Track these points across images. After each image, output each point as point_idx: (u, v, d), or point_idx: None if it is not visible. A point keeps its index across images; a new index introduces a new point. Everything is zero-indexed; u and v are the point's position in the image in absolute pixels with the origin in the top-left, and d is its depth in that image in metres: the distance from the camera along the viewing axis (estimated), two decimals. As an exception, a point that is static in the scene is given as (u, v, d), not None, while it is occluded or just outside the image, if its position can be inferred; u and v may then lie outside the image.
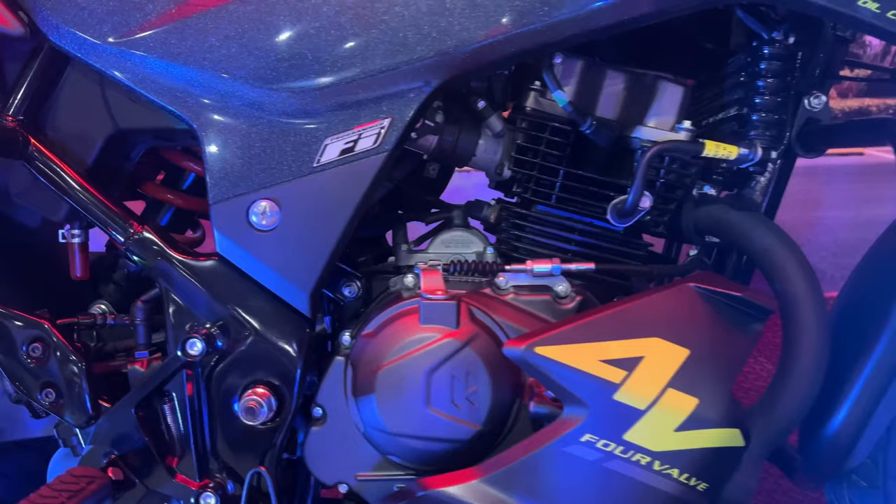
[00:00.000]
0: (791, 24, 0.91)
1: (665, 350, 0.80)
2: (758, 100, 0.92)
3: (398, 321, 0.88)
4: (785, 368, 0.90)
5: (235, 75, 0.84)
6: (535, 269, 0.92)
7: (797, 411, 0.87)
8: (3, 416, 0.99)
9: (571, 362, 0.78)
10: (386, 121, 0.85)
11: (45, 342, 0.88)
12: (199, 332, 0.86)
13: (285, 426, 0.89)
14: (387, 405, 0.86)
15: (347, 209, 0.86)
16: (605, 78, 0.97)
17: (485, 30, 0.82)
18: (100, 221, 0.90)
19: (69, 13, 0.87)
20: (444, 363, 0.85)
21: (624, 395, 0.79)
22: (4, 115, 0.90)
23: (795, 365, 0.87)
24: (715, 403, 0.80)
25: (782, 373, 0.90)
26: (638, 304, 0.83)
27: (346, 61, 0.83)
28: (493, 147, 1.00)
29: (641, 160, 0.89)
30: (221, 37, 0.84)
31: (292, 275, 0.87)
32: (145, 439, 0.88)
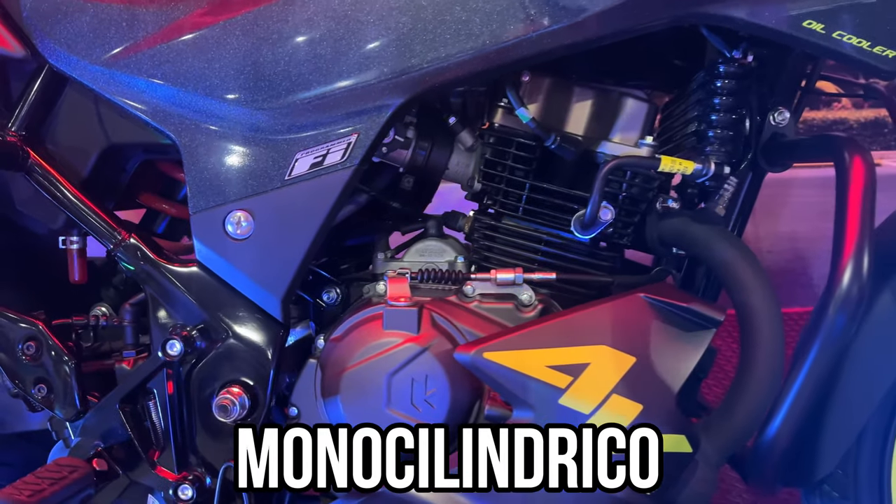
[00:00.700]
0: (752, 43, 0.94)
1: (611, 357, 0.84)
2: (713, 116, 0.95)
3: (363, 326, 0.93)
4: (741, 378, 0.92)
5: (212, 94, 0.90)
6: (499, 278, 0.96)
7: (752, 419, 0.89)
8: (5, 410, 1.06)
9: (518, 367, 0.82)
10: (353, 137, 0.90)
11: (38, 341, 0.95)
12: (178, 334, 0.92)
13: (259, 423, 0.95)
14: (350, 405, 0.91)
15: (317, 220, 0.91)
16: (573, 94, 1.00)
17: (444, 51, 0.86)
18: (91, 229, 0.97)
19: (64, 37, 0.94)
20: (404, 367, 0.90)
21: (569, 399, 0.82)
22: (7, 131, 0.98)
23: (750, 374, 0.89)
24: (659, 410, 0.83)
25: (738, 382, 0.93)
26: (587, 313, 0.86)
27: (314, 81, 0.88)
28: (466, 161, 1.04)
29: (599, 174, 0.93)
30: (199, 59, 0.90)
31: (265, 281, 0.93)
32: (129, 433, 0.94)
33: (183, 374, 0.94)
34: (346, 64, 0.87)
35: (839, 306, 0.75)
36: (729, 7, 0.83)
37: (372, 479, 0.83)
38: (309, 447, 0.83)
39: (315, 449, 0.83)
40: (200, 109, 0.91)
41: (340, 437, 0.83)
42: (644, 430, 0.83)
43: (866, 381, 1.06)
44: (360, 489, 0.85)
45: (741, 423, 0.90)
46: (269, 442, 0.83)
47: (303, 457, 0.83)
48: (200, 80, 0.90)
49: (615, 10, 0.83)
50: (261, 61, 0.89)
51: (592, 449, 0.82)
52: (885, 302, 1.03)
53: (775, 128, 1.01)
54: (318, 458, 0.83)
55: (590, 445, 0.82)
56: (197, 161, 0.92)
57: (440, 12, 0.85)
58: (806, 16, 0.83)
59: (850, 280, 0.76)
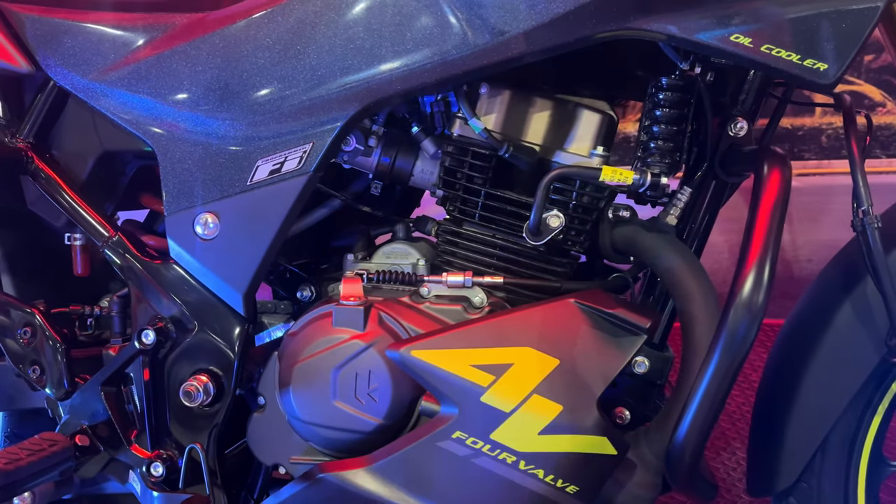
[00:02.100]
0: (699, 56, 0.95)
1: (535, 359, 0.87)
2: (655, 128, 0.96)
3: (316, 322, 0.99)
4: (679, 385, 0.94)
5: (183, 107, 0.99)
6: (449, 281, 1.01)
7: (689, 427, 0.91)
8: (15, 388, 1.17)
9: (443, 365, 0.87)
10: (308, 146, 0.97)
11: (33, 327, 1.05)
12: (153, 325, 1.01)
13: (223, 410, 1.02)
14: (301, 397, 0.98)
15: (276, 222, 0.98)
16: (530, 105, 1.04)
17: (382, 69, 0.92)
18: (83, 227, 1.07)
19: (62, 54, 1.04)
20: (349, 362, 0.96)
21: (490, 397, 0.86)
22: (16, 138, 1.09)
23: (688, 382, 0.91)
24: (578, 411, 0.86)
25: (676, 389, 0.95)
26: (516, 316, 0.90)
27: (271, 96, 0.96)
28: (430, 168, 1.09)
29: (541, 183, 0.96)
30: (173, 75, 0.99)
31: (229, 278, 1.01)
32: (109, 413, 1.04)
33: (157, 361, 1.03)
34: (298, 81, 0.94)
35: (740, 314, 0.77)
36: (657, 23, 0.85)
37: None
38: None
39: None
40: (174, 120, 1.00)
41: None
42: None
43: (827, 391, 1.06)
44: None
45: (679, 431, 0.92)
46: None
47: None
48: (173, 93, 0.99)
49: (541, 28, 0.87)
50: (224, 77, 0.97)
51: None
52: (845, 311, 1.03)
53: (733, 138, 1.02)
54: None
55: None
56: (171, 167, 1.01)
57: (378, 34, 0.91)
58: (734, 30, 0.84)
59: (751, 288, 0.77)
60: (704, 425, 0.80)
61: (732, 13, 0.84)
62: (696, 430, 0.80)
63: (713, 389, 0.79)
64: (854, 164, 0.91)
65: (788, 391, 1.08)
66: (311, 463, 1.03)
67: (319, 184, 1.08)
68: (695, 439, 0.80)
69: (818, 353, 1.05)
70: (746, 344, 0.78)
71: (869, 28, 0.84)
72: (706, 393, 0.79)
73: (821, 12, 0.83)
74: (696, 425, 0.80)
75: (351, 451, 0.98)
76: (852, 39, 0.84)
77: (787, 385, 1.08)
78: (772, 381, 1.12)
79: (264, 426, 1.05)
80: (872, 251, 0.90)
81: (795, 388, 1.08)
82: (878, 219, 0.90)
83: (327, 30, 0.92)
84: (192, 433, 1.04)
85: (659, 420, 0.96)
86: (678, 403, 0.92)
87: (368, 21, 0.92)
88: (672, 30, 0.85)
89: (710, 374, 0.78)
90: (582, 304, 0.90)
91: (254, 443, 1.06)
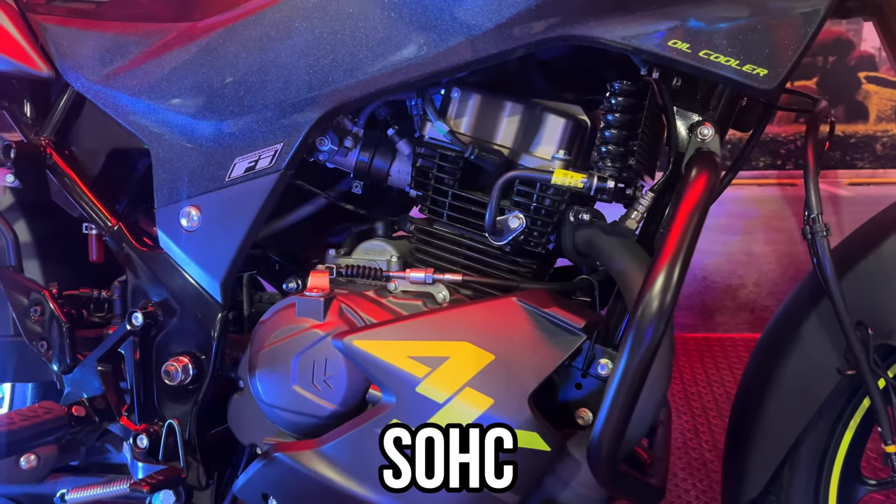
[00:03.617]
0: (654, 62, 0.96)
1: (471, 353, 0.90)
2: (607, 133, 0.98)
3: (282, 312, 1.05)
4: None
5: (171, 107, 1.07)
6: (411, 277, 1.05)
7: (603, 425, 0.92)
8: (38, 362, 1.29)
9: (382, 355, 0.91)
10: (279, 145, 1.03)
11: (42, 306, 1.16)
12: (143, 308, 1.10)
13: (202, 390, 1.10)
14: (265, 381, 1.04)
15: (250, 215, 1.05)
16: (500, 109, 1.07)
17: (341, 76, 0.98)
18: (89, 217, 1.17)
19: (74, 60, 1.15)
20: (307, 349, 1.01)
21: (425, 388, 0.90)
22: (39, 136, 1.21)
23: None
24: (509, 406, 0.89)
25: None
26: (458, 311, 0.93)
27: (247, 97, 1.03)
28: (406, 169, 1.14)
29: (495, 184, 0.99)
30: (163, 79, 1.08)
31: (208, 268, 1.08)
32: (104, 388, 1.13)
33: (146, 342, 1.12)
34: (269, 86, 1.02)
35: (647, 314, 0.77)
36: (596, 29, 0.87)
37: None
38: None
39: None
40: (164, 120, 1.09)
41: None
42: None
43: (792, 404, 1.04)
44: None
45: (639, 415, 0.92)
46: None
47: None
48: (164, 96, 1.08)
49: (486, 35, 0.90)
50: (206, 82, 1.05)
51: (479, 449, 0.89)
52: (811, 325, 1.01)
53: (700, 143, 1.02)
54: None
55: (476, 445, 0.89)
56: (161, 163, 1.10)
57: (339, 43, 0.97)
58: (671, 35, 0.85)
59: (660, 289, 0.78)
60: (617, 424, 0.81)
61: (671, 18, 0.85)
62: (610, 428, 0.81)
63: (623, 388, 0.80)
64: (808, 172, 0.90)
65: (757, 404, 1.07)
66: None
67: (303, 182, 1.15)
68: (609, 438, 0.81)
69: (785, 366, 1.04)
70: (653, 343, 0.78)
71: (811, 32, 0.83)
72: (617, 392, 0.80)
73: (759, 17, 0.82)
74: (609, 424, 0.81)
75: (310, 434, 1.04)
76: (793, 44, 0.83)
77: (756, 398, 1.07)
78: (743, 394, 1.11)
79: (241, 408, 1.12)
80: (821, 259, 0.88)
81: (763, 401, 1.06)
82: (827, 228, 0.89)
83: (294, 39, 0.99)
84: (175, 410, 1.12)
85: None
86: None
87: (331, 31, 0.98)
88: (609, 35, 0.86)
89: (620, 374, 0.79)
90: (523, 303, 0.93)
91: (233, 423, 1.13)
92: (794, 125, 2.36)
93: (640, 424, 0.93)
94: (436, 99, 1.09)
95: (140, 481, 1.02)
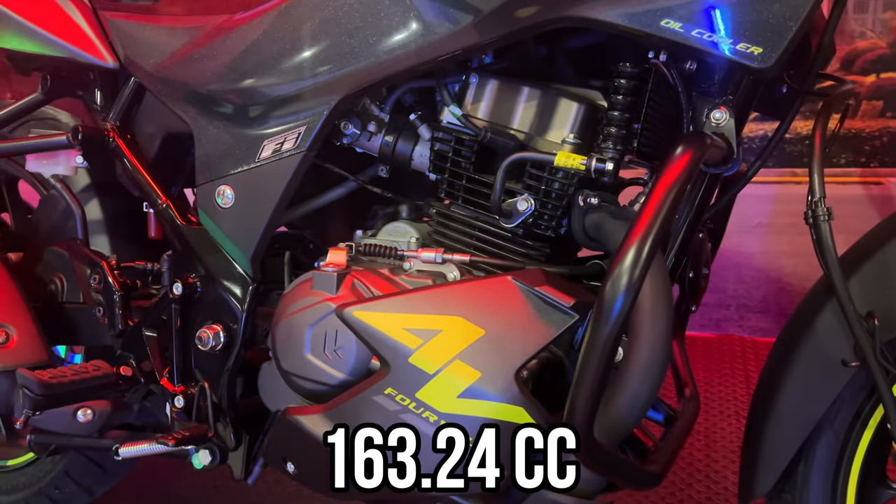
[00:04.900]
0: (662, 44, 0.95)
1: (462, 328, 0.93)
2: (609, 115, 0.98)
3: (301, 285, 1.12)
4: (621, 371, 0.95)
5: (208, 92, 1.16)
6: (422, 256, 1.09)
7: (630, 409, 0.92)
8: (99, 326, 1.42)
9: (379, 326, 0.96)
10: (302, 128, 1.10)
11: (100, 275, 1.28)
12: (183, 280, 1.20)
13: (232, 357, 1.18)
14: (283, 349, 1.11)
15: (277, 194, 1.12)
16: (517, 94, 1.09)
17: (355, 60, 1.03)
18: (144, 195, 1.28)
19: (134, 51, 1.26)
20: (320, 321, 1.07)
21: (417, 358, 0.94)
22: (106, 122, 1.33)
23: (629, 368, 0.92)
24: (495, 379, 0.91)
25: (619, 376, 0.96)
26: (454, 288, 0.96)
27: (273, 84, 1.10)
28: (427, 153, 1.18)
29: (500, 166, 1.02)
30: (203, 67, 1.17)
31: (239, 243, 1.16)
32: (149, 351, 1.24)
33: (185, 310, 1.21)
34: (291, 72, 1.08)
35: (613, 290, 0.78)
36: (590, 11, 0.88)
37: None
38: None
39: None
40: (205, 105, 1.18)
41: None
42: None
43: (804, 397, 1.01)
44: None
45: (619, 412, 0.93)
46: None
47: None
48: (204, 83, 1.17)
49: (485, 19, 0.93)
50: (238, 70, 1.13)
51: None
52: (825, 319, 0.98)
53: (714, 127, 1.00)
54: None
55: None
56: (202, 145, 1.19)
57: (352, 30, 1.02)
58: (664, 14, 0.85)
59: (628, 266, 0.77)
60: (587, 402, 0.81)
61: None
62: (580, 405, 0.81)
63: (590, 365, 0.80)
64: (813, 154, 0.87)
65: (771, 400, 1.04)
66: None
67: (333, 165, 1.22)
68: (580, 414, 0.82)
69: (798, 361, 1.01)
70: (619, 320, 0.78)
71: (808, 8, 0.81)
72: (582, 367, 0.80)
73: (753, -6, 0.81)
74: (578, 402, 0.81)
75: (323, 402, 1.09)
76: (790, 21, 0.81)
77: (770, 394, 1.05)
78: (759, 390, 1.08)
79: (268, 376, 1.19)
80: (823, 244, 0.85)
81: (776, 397, 1.04)
82: (829, 211, 0.86)
83: (310, 27, 1.05)
84: (207, 374, 1.20)
85: (601, 404, 0.97)
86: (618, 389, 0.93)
87: (345, 19, 1.03)
88: (602, 16, 0.87)
89: (584, 350, 0.80)
90: (518, 282, 0.95)
91: (262, 390, 1.21)
92: (879, 119, 2.22)
93: (633, 408, 0.93)
94: (457, 85, 1.12)
95: (167, 435, 1.11)
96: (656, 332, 0.91)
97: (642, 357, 0.91)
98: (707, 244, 1.27)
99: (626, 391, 0.92)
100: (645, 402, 0.94)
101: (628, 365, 0.92)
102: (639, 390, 0.92)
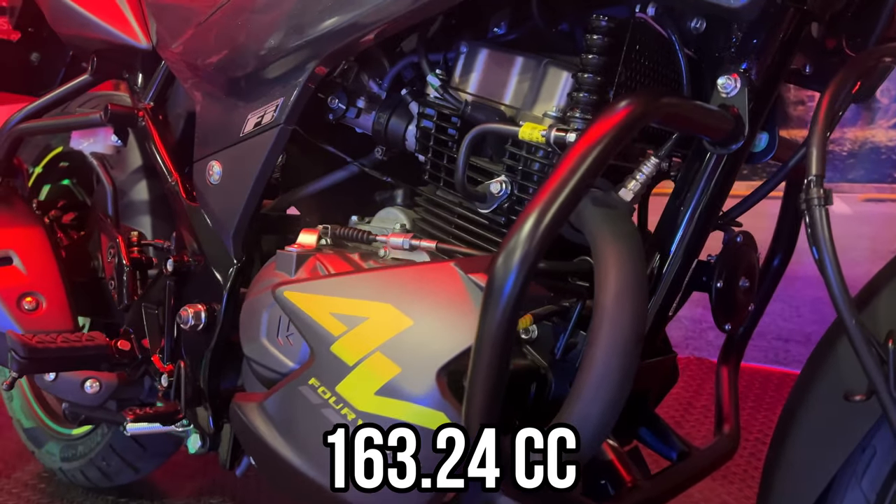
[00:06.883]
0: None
1: (389, 316, 0.82)
2: (580, 76, 0.83)
3: (267, 266, 1.05)
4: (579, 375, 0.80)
5: (210, 70, 1.14)
6: (391, 242, 0.99)
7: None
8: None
9: (307, 309, 0.87)
10: (280, 100, 1.04)
11: (115, 249, 1.30)
12: (178, 256, 1.18)
13: (215, 338, 1.14)
14: (244, 332, 1.05)
15: (256, 168, 1.07)
16: (508, 64, 0.97)
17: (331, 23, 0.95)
18: (159, 173, 1.28)
19: (161, 30, 1.28)
20: (274, 303, 0.99)
21: (339, 347, 0.83)
22: (141, 102, 1.36)
23: (587, 372, 0.77)
24: (415, 378, 0.79)
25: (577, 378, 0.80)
26: (394, 272, 0.85)
27: (256, 57, 1.05)
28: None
29: (464, 141, 0.90)
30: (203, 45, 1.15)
31: (224, 220, 1.12)
32: (144, 326, 1.23)
33: (177, 287, 1.19)
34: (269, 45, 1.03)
35: (507, 264, 0.63)
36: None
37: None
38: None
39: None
40: (207, 83, 1.16)
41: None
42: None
43: (819, 441, 0.80)
44: None
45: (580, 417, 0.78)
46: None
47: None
48: (205, 60, 1.15)
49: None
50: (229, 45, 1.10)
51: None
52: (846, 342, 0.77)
53: (724, 99, 0.82)
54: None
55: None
56: (201, 122, 1.17)
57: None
58: None
59: (527, 234, 0.62)
60: (482, 407, 0.67)
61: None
62: (474, 409, 0.67)
63: (483, 362, 0.66)
64: (816, 121, 0.68)
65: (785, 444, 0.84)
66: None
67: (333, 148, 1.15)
68: (473, 420, 0.68)
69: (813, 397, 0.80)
70: (510, 304, 0.63)
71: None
72: (474, 365, 0.66)
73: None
74: (472, 405, 0.67)
75: (280, 391, 1.02)
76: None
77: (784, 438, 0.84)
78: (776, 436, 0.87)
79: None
80: (816, 234, 0.65)
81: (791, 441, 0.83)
82: (828, 194, 0.66)
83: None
84: (191, 355, 1.17)
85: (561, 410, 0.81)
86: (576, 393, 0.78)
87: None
88: None
89: (475, 345, 0.66)
90: (461, 270, 0.82)
91: (244, 376, 1.15)
92: None
93: (583, 430, 0.77)
94: (449, 57, 1.02)
95: (131, 409, 1.08)
96: (616, 337, 0.74)
97: (595, 368, 0.75)
98: (752, 252, 1.06)
99: (575, 409, 0.76)
100: (598, 423, 0.77)
101: (579, 376, 0.76)
102: (589, 410, 0.76)
